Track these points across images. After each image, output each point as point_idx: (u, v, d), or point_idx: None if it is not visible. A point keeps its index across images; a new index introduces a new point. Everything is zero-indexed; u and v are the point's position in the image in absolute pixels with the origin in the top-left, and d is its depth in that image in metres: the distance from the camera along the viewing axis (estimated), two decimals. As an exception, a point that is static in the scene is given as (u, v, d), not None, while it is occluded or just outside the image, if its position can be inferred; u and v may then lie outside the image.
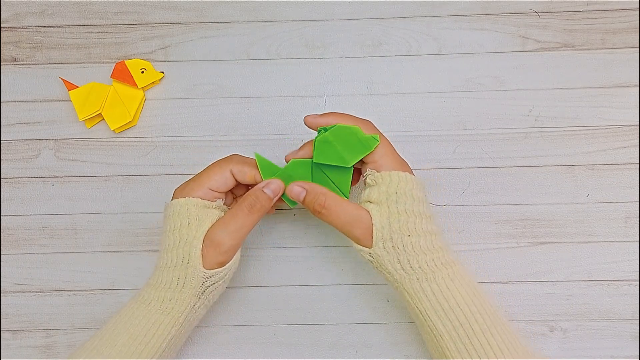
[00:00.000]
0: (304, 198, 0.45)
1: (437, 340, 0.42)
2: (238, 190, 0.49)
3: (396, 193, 0.43)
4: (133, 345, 0.43)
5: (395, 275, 0.43)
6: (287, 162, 0.47)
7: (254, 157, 0.46)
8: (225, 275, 0.45)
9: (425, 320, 0.43)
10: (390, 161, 0.45)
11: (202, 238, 0.44)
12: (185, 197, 0.45)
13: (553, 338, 0.52)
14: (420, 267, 0.42)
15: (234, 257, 0.46)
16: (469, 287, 0.43)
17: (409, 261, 0.43)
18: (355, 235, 0.44)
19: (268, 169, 0.46)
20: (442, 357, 0.43)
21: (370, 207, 0.44)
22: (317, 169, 0.46)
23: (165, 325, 0.44)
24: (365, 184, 0.45)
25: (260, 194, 0.45)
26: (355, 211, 0.44)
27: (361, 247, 0.44)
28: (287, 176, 0.46)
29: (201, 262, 0.43)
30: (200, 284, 0.44)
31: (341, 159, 0.45)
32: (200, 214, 0.44)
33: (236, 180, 0.46)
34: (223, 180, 0.45)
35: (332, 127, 0.45)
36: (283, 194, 0.46)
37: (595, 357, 0.52)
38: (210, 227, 0.44)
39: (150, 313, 0.44)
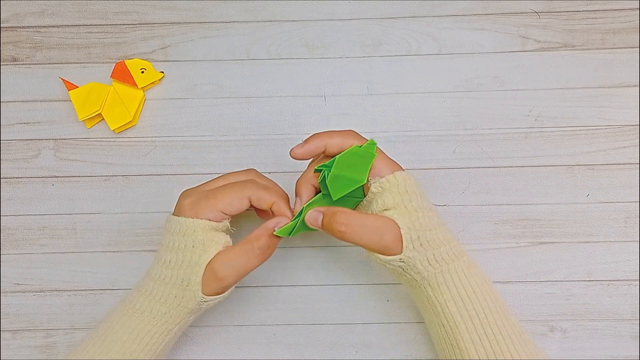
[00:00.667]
0: (322, 222, 0.43)
1: (452, 332, 0.42)
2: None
3: (407, 192, 0.43)
4: (127, 352, 0.43)
5: (424, 272, 0.43)
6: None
7: (272, 180, 0.46)
8: (222, 299, 0.45)
9: (444, 312, 0.42)
10: (386, 164, 0.45)
11: (204, 265, 0.42)
12: (194, 218, 0.43)
13: (553, 338, 0.52)
14: (443, 259, 0.43)
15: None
16: (480, 276, 0.44)
17: (434, 255, 0.42)
18: (385, 244, 0.42)
19: (287, 231, 0.44)
20: (454, 353, 0.42)
21: (389, 214, 0.43)
22: (329, 198, 0.45)
23: (159, 335, 0.44)
24: (369, 193, 0.45)
25: (275, 240, 0.44)
26: (379, 221, 0.42)
27: (389, 257, 0.42)
28: (304, 222, 0.44)
29: (200, 288, 0.43)
30: (198, 306, 0.44)
31: (355, 182, 0.44)
32: (206, 239, 0.43)
33: (251, 205, 0.45)
34: (239, 205, 0.44)
35: (332, 161, 0.43)
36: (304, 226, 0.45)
37: (595, 357, 0.52)
38: (216, 256, 0.43)
39: (144, 323, 0.43)
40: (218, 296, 0.44)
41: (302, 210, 0.44)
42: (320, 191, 0.46)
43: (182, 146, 0.55)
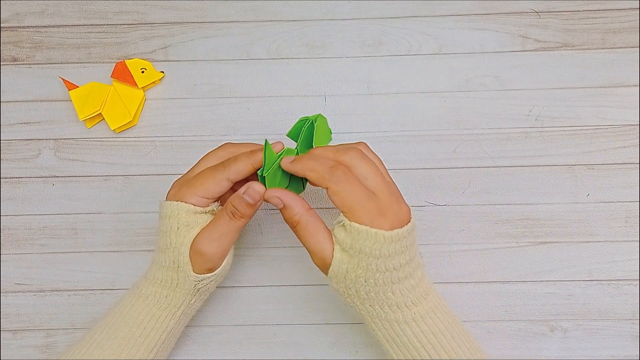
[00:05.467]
0: (282, 210, 0.43)
1: None
2: (237, 187, 0.48)
3: (360, 251, 0.40)
4: (133, 338, 0.44)
5: (351, 304, 0.43)
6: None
7: (248, 144, 0.46)
8: (217, 278, 0.46)
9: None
10: (366, 214, 0.41)
11: (189, 245, 0.44)
12: (177, 201, 0.44)
13: (553, 338, 0.52)
14: (372, 307, 0.42)
15: (223, 262, 0.45)
16: (428, 327, 0.43)
17: (362, 303, 0.42)
18: (315, 262, 0.43)
19: (270, 159, 0.44)
20: None
21: (336, 244, 0.42)
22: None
23: (163, 319, 0.45)
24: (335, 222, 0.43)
25: (240, 201, 0.43)
26: (320, 245, 0.42)
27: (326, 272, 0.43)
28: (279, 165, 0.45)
29: (190, 267, 0.44)
30: (193, 286, 0.44)
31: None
32: (190, 220, 0.44)
33: (233, 183, 0.45)
34: (218, 189, 0.44)
35: (316, 116, 0.46)
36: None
37: (595, 357, 0.52)
38: (196, 235, 0.44)
39: (149, 307, 0.45)
40: (210, 274, 0.44)
41: (279, 155, 0.44)
42: None
43: (182, 146, 0.55)
